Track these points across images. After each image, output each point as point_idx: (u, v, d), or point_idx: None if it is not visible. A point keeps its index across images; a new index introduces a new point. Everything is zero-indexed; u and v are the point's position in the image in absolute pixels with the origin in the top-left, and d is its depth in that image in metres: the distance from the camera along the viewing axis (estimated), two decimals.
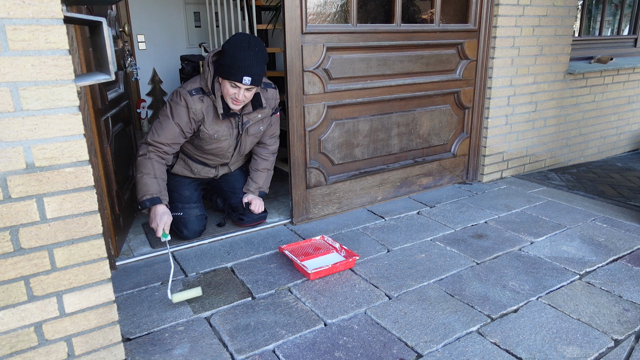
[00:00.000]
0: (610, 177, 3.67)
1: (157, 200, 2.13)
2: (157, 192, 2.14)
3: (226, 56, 2.06)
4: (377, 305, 1.87)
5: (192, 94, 2.15)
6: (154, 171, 2.15)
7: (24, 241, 1.20)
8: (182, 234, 2.42)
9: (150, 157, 2.16)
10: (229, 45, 2.06)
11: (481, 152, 3.35)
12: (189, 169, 2.42)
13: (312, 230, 2.59)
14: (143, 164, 2.15)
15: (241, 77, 2.04)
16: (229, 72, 2.05)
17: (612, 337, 1.66)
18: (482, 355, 1.57)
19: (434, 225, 2.64)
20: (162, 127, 2.16)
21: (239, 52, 2.03)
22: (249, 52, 2.04)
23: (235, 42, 2.06)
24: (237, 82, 2.06)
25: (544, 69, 3.42)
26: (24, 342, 1.27)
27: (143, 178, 2.14)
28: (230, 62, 2.04)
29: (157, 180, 2.15)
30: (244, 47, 2.03)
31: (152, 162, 2.15)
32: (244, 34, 2.11)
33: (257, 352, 1.59)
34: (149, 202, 2.12)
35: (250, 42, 2.06)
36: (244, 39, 2.07)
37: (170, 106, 2.16)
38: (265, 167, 2.50)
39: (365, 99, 2.73)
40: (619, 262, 2.21)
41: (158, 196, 2.14)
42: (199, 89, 2.17)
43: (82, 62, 1.85)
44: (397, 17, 2.72)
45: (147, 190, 2.13)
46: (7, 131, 1.13)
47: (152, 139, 2.17)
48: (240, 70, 2.03)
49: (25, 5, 1.08)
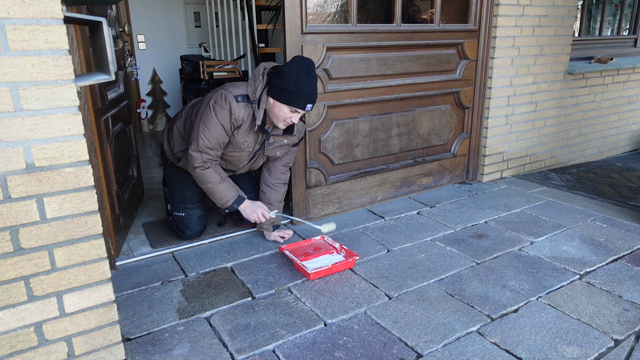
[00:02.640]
0: (610, 177, 3.67)
1: (240, 199, 2.24)
2: (235, 192, 2.23)
3: (288, 81, 2.04)
4: (377, 305, 1.87)
5: (238, 100, 2.12)
6: (220, 176, 2.19)
7: (24, 241, 1.20)
8: (184, 234, 2.42)
9: (208, 166, 2.16)
10: (291, 70, 2.04)
11: (481, 152, 3.35)
12: None
13: (312, 230, 2.59)
14: (206, 175, 2.16)
15: (305, 104, 2.06)
16: (292, 98, 2.05)
17: (612, 337, 1.66)
18: (482, 355, 1.57)
19: (434, 225, 2.64)
20: (210, 131, 2.10)
21: (302, 79, 2.03)
22: (310, 78, 2.05)
23: (297, 67, 2.05)
24: (299, 108, 2.07)
25: (544, 69, 3.42)
26: (24, 342, 1.27)
27: (215, 187, 2.18)
28: (293, 89, 2.03)
29: (226, 182, 2.21)
30: (305, 74, 2.03)
31: (213, 170, 2.17)
32: (303, 59, 2.08)
33: (257, 352, 1.59)
34: (237, 204, 2.23)
35: (309, 67, 2.06)
36: (304, 64, 2.06)
37: (214, 108, 2.11)
38: (277, 199, 2.43)
39: (365, 99, 2.73)
40: (619, 262, 2.21)
41: (238, 194, 2.24)
42: (245, 96, 2.14)
43: (82, 62, 1.85)
44: (397, 17, 2.72)
45: (227, 195, 2.20)
46: (7, 131, 1.13)
47: (203, 145, 2.11)
48: (304, 97, 2.04)
49: (25, 5, 1.08)
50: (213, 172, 2.17)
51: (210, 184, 2.17)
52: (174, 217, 2.44)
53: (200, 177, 2.16)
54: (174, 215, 2.44)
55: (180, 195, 2.44)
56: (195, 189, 2.46)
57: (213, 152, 2.16)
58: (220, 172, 2.21)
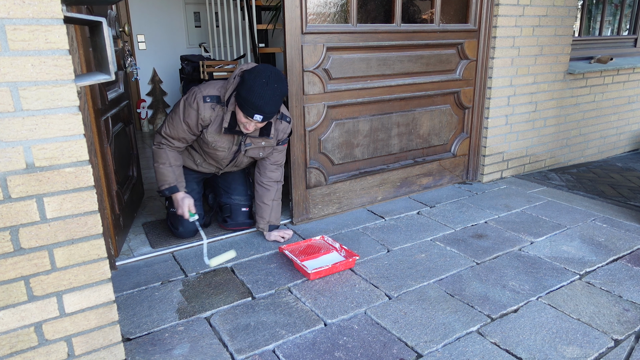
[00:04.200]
0: (610, 177, 3.67)
1: (174, 188, 2.25)
2: (173, 181, 2.25)
3: (244, 87, 2.02)
4: (377, 305, 1.87)
5: (205, 100, 2.13)
6: (168, 160, 2.24)
7: (24, 241, 1.20)
8: (177, 230, 2.42)
9: (162, 147, 2.24)
10: (249, 77, 2.02)
11: (481, 152, 3.35)
12: (192, 160, 2.42)
13: (312, 230, 2.59)
14: (158, 154, 2.25)
15: (252, 113, 2.02)
16: (243, 104, 2.03)
17: (612, 337, 1.66)
18: (482, 355, 1.57)
19: (434, 225, 2.64)
20: (173, 124, 2.21)
21: (255, 88, 1.99)
22: (267, 89, 1.99)
23: (255, 75, 2.02)
24: (249, 117, 2.05)
25: (544, 69, 3.42)
26: (24, 342, 1.27)
27: (159, 168, 2.25)
28: (245, 96, 2.01)
29: (172, 168, 2.25)
30: (262, 83, 1.99)
31: (165, 152, 2.24)
32: (267, 67, 2.06)
33: (257, 352, 1.59)
34: (168, 191, 2.26)
35: (270, 77, 2.01)
36: (264, 73, 2.02)
37: (184, 105, 2.17)
38: (270, 198, 2.41)
39: (365, 99, 2.73)
40: (619, 262, 2.21)
41: (175, 185, 2.25)
42: (215, 97, 2.15)
43: (82, 62, 1.85)
44: (397, 17, 2.72)
45: (165, 180, 2.24)
46: (7, 131, 1.13)
47: (164, 132, 2.23)
48: (252, 107, 2.00)
49: (25, 5, 1.08)
50: (164, 153, 2.24)
51: (157, 163, 2.25)
52: (170, 213, 2.45)
53: (154, 154, 2.27)
54: (170, 211, 2.45)
55: None
56: (193, 187, 2.46)
57: (175, 141, 2.24)
58: (172, 157, 2.25)
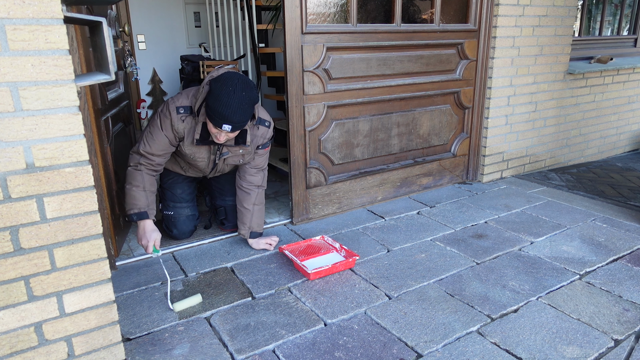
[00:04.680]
0: (610, 177, 3.67)
1: (144, 215, 2.06)
2: (144, 207, 2.06)
3: (211, 96, 1.93)
4: (377, 305, 1.87)
5: (178, 111, 2.04)
6: (143, 183, 2.08)
7: (24, 241, 1.20)
8: (171, 232, 2.42)
9: (140, 169, 2.09)
10: (215, 85, 1.93)
11: (481, 152, 3.35)
12: (179, 166, 2.39)
13: (312, 230, 2.59)
14: (133, 176, 2.08)
15: (221, 123, 1.92)
16: (210, 114, 1.93)
17: (612, 337, 1.66)
18: (482, 355, 1.57)
19: (434, 225, 2.64)
20: (153, 138, 2.08)
21: (222, 97, 1.89)
22: (234, 97, 1.89)
23: (222, 84, 1.92)
24: (217, 127, 1.95)
25: (544, 69, 3.42)
26: (24, 342, 1.27)
27: (132, 190, 2.07)
28: (212, 105, 1.91)
29: (145, 193, 2.08)
30: (228, 92, 1.90)
31: (142, 175, 2.08)
32: (233, 75, 1.96)
33: (257, 352, 1.59)
34: (136, 217, 2.06)
35: (237, 85, 1.92)
36: (231, 81, 1.92)
37: (160, 117, 2.08)
38: (250, 202, 2.30)
39: (365, 99, 2.73)
40: (619, 262, 2.21)
41: (145, 211, 2.07)
42: (188, 107, 2.06)
43: (82, 62, 1.85)
44: (397, 17, 2.72)
45: (135, 204, 2.06)
46: (7, 131, 1.13)
47: (143, 150, 2.08)
48: (220, 117, 1.91)
49: (25, 5, 1.08)
50: (140, 176, 2.08)
51: (130, 185, 2.08)
52: (164, 216, 2.45)
53: (128, 175, 2.10)
54: (164, 214, 2.44)
55: (169, 194, 2.44)
56: (185, 188, 2.45)
57: (155, 158, 2.10)
58: (147, 181, 2.09)
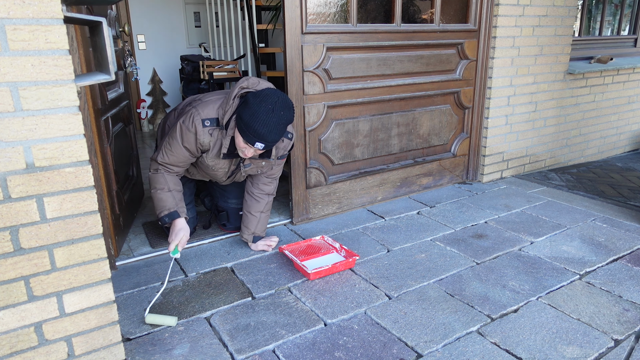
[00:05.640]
0: (610, 177, 3.67)
1: (175, 214, 2.07)
2: (173, 207, 2.07)
3: (247, 111, 1.88)
4: (377, 305, 1.87)
5: (204, 124, 2.00)
6: (167, 185, 2.09)
7: (24, 241, 1.20)
8: None
9: (160, 171, 2.11)
10: (254, 101, 1.89)
11: (481, 152, 3.35)
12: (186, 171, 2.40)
13: (312, 230, 2.59)
14: (155, 179, 2.10)
15: (254, 141, 1.89)
16: (244, 130, 1.89)
17: (612, 337, 1.66)
18: (482, 355, 1.57)
19: (434, 225, 2.64)
20: (172, 151, 2.07)
21: (260, 114, 1.85)
22: (272, 116, 1.86)
23: (261, 100, 1.88)
24: (249, 143, 1.92)
25: (544, 69, 3.42)
26: (24, 342, 1.27)
27: (157, 193, 2.09)
28: (248, 121, 1.87)
29: (171, 193, 2.09)
30: (267, 110, 1.86)
31: (164, 177, 2.09)
32: (275, 92, 1.93)
33: (257, 352, 1.59)
34: (168, 218, 2.06)
35: (276, 104, 1.88)
36: (271, 99, 1.89)
37: (181, 129, 2.03)
38: (258, 210, 2.31)
39: (365, 99, 2.73)
40: (619, 262, 2.21)
41: (175, 210, 2.08)
42: (214, 119, 2.02)
43: (82, 62, 1.85)
44: (397, 17, 2.72)
45: (164, 205, 2.07)
46: (7, 131, 1.13)
47: (162, 161, 2.09)
48: (254, 134, 1.87)
49: (25, 5, 1.08)
50: (162, 178, 2.09)
51: (154, 189, 2.09)
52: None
53: (151, 179, 2.12)
54: None
55: None
56: (186, 190, 2.44)
57: (174, 167, 2.11)
58: (171, 181, 2.10)
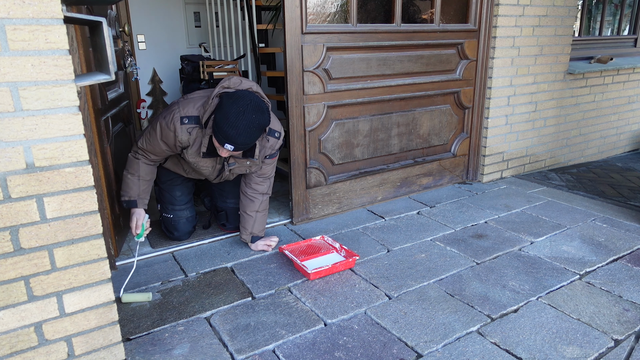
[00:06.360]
0: (610, 177, 3.67)
1: (133, 204, 2.17)
2: (135, 196, 2.16)
3: (220, 112, 1.87)
4: (377, 305, 1.87)
5: (183, 122, 1.99)
6: (138, 172, 2.16)
7: (24, 241, 1.20)
8: (172, 235, 2.42)
9: (138, 157, 2.17)
10: (227, 102, 1.88)
11: (481, 152, 3.35)
12: (181, 168, 2.38)
13: (312, 230, 2.59)
14: (130, 163, 2.18)
15: (223, 142, 1.87)
16: (216, 130, 1.88)
17: (612, 337, 1.66)
18: (482, 355, 1.57)
19: (434, 225, 2.64)
20: (151, 141, 2.10)
21: (230, 116, 1.83)
22: (242, 119, 1.83)
23: (233, 101, 1.86)
24: (219, 143, 1.90)
25: (544, 69, 3.42)
26: (24, 342, 1.27)
27: (127, 177, 2.17)
28: (219, 122, 1.86)
29: (140, 181, 2.17)
30: (237, 112, 1.83)
31: (139, 164, 2.16)
32: (247, 95, 1.90)
33: (257, 352, 1.59)
34: (126, 204, 2.18)
35: (248, 106, 1.85)
36: (242, 101, 1.86)
37: (161, 125, 2.04)
38: (253, 209, 2.29)
39: (365, 99, 2.73)
40: (619, 262, 2.21)
41: (135, 199, 2.17)
42: (194, 117, 2.00)
43: (82, 62, 1.85)
44: (397, 17, 2.72)
45: (127, 191, 2.17)
46: (7, 131, 1.13)
47: (141, 146, 2.14)
48: (224, 135, 1.85)
49: (25, 5, 1.08)
50: (137, 165, 2.16)
51: (126, 171, 2.18)
52: (163, 218, 2.44)
53: (128, 161, 2.19)
54: (163, 217, 2.44)
55: (169, 197, 2.43)
56: (184, 190, 2.45)
57: (152, 155, 2.17)
58: (143, 170, 2.17)
